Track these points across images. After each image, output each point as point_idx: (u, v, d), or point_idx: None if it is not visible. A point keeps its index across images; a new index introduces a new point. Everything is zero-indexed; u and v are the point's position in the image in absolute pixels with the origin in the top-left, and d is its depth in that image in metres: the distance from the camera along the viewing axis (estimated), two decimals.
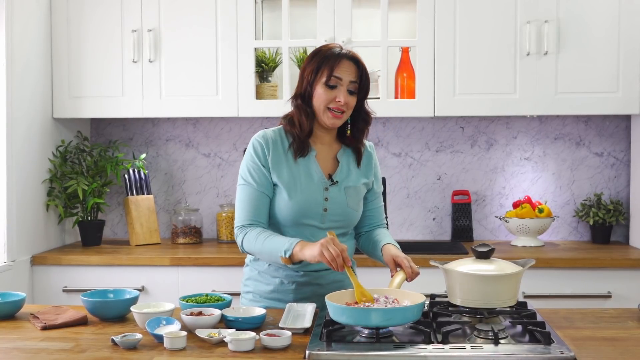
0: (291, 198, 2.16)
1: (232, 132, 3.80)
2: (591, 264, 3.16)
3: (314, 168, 2.21)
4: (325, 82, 2.15)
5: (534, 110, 3.33)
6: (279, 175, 2.18)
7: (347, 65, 2.17)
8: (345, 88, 2.16)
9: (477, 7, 3.33)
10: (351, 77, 2.17)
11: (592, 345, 1.84)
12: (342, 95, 2.15)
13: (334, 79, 2.15)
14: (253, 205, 2.18)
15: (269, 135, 2.23)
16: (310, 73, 2.18)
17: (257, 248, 2.12)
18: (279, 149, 2.21)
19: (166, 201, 3.85)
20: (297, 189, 2.17)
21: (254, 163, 2.20)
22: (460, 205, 3.65)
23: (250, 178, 2.19)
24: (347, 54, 2.18)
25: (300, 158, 2.21)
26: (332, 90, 2.15)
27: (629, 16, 3.28)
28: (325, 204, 2.20)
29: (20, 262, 3.20)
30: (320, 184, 2.20)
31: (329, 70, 2.15)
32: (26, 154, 3.28)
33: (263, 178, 2.18)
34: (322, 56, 2.18)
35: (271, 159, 2.19)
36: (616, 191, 3.67)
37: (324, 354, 1.72)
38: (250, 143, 2.23)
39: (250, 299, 2.29)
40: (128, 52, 3.45)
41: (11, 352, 1.80)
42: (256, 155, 2.20)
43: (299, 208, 2.16)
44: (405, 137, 3.73)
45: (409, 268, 2.09)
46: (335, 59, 2.16)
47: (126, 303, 2.09)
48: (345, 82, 2.16)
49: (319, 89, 2.16)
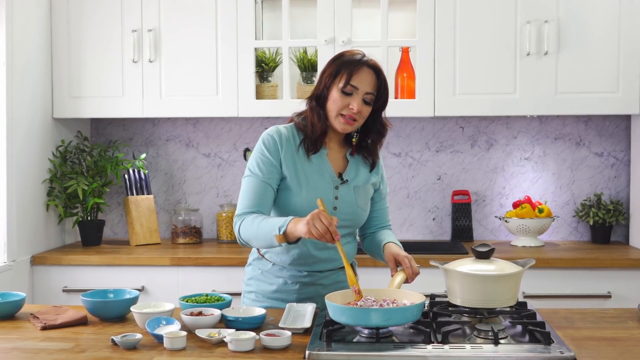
0: (302, 196, 2.15)
1: (232, 132, 3.80)
2: (591, 264, 3.15)
3: (325, 166, 2.20)
4: (341, 88, 2.12)
5: (534, 110, 3.33)
6: (290, 172, 2.16)
7: (367, 74, 2.13)
8: (360, 97, 2.13)
9: (477, 7, 3.33)
10: (368, 88, 2.14)
11: (592, 345, 1.84)
12: (356, 103, 2.12)
13: (350, 87, 2.12)
14: (256, 195, 2.14)
15: (282, 131, 2.20)
16: (328, 76, 2.15)
17: (253, 232, 2.07)
18: (292, 146, 2.19)
19: (166, 201, 3.85)
20: (309, 186, 2.16)
21: (264, 156, 2.17)
22: (460, 205, 3.65)
23: (258, 170, 2.16)
24: (367, 62, 2.15)
25: (312, 156, 2.19)
26: (347, 96, 2.13)
27: (629, 16, 3.28)
28: (336, 203, 2.19)
29: (20, 262, 3.20)
30: (331, 183, 2.20)
31: (347, 77, 2.12)
32: (26, 154, 3.28)
33: (271, 171, 2.15)
34: (342, 61, 2.15)
35: (284, 155, 2.17)
36: (616, 191, 3.67)
37: (324, 354, 1.72)
38: (262, 137, 2.20)
39: (253, 299, 2.29)
40: (128, 52, 3.45)
41: (11, 352, 1.80)
42: (268, 149, 2.17)
43: (309, 206, 2.14)
44: (405, 137, 3.73)
45: (409, 268, 2.09)
46: (355, 66, 2.12)
47: (126, 303, 2.09)
48: (361, 92, 2.13)
49: (334, 93, 2.14)
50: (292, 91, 3.52)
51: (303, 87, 3.50)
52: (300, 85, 3.52)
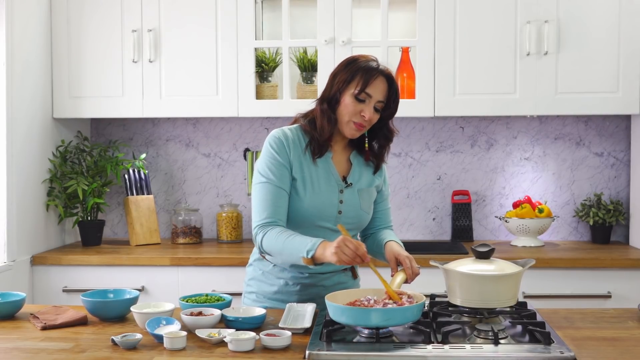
0: (308, 199, 2.14)
1: (232, 132, 3.80)
2: (591, 264, 3.15)
3: (331, 170, 2.20)
4: (355, 94, 2.12)
5: (534, 110, 3.33)
6: (298, 175, 2.15)
7: (381, 82, 2.13)
8: (372, 105, 2.13)
9: (477, 7, 3.33)
10: (381, 96, 2.14)
11: (592, 345, 1.84)
12: (367, 111, 2.12)
13: (364, 95, 2.12)
14: (273, 202, 2.12)
15: (288, 134, 2.19)
16: (341, 81, 2.14)
17: (278, 248, 2.07)
18: (298, 148, 2.18)
19: (166, 201, 3.85)
20: (314, 190, 2.16)
21: (274, 159, 2.15)
22: (460, 205, 3.65)
23: (271, 174, 2.14)
24: (383, 71, 2.15)
25: (318, 159, 2.19)
26: (359, 103, 2.12)
27: (629, 16, 3.28)
28: (340, 207, 2.19)
29: (20, 262, 3.20)
30: (336, 186, 2.19)
31: (363, 84, 2.11)
32: (26, 154, 3.28)
33: (283, 173, 2.14)
34: (358, 67, 2.14)
35: (292, 156, 2.16)
36: (616, 191, 3.67)
37: (324, 354, 1.72)
38: (268, 140, 2.18)
39: (254, 299, 2.29)
40: (128, 52, 3.45)
41: (11, 352, 1.80)
42: (276, 152, 2.15)
43: (315, 210, 2.14)
44: (405, 137, 3.73)
45: (410, 268, 2.09)
46: (371, 75, 2.12)
47: (126, 303, 2.09)
48: (374, 99, 2.13)
49: (347, 98, 2.13)
50: (292, 91, 3.52)
51: (303, 87, 3.50)
52: (300, 85, 3.52)
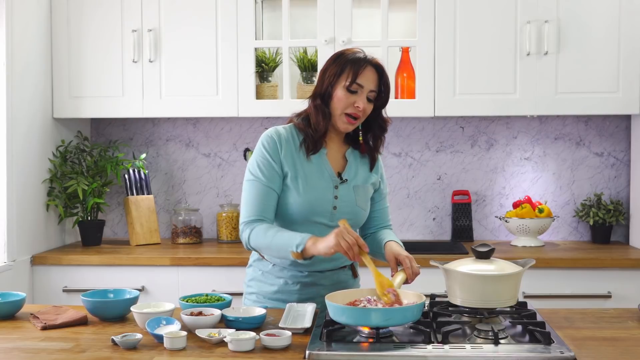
0: (302, 195, 2.16)
1: (232, 132, 3.80)
2: (591, 264, 3.15)
3: (325, 166, 2.21)
4: (346, 86, 2.14)
5: (534, 110, 3.33)
6: (291, 172, 2.17)
7: (371, 72, 2.16)
8: (364, 95, 2.16)
9: (477, 7, 3.33)
10: (372, 86, 2.16)
11: (592, 345, 1.84)
12: (361, 102, 2.15)
13: (356, 86, 2.14)
14: (260, 200, 2.16)
15: (281, 132, 2.21)
16: (332, 75, 2.17)
17: (266, 243, 2.10)
18: (291, 147, 2.20)
19: (166, 201, 3.85)
20: (308, 186, 2.17)
21: (264, 158, 2.18)
22: (461, 205, 3.65)
23: (260, 173, 2.17)
24: (371, 61, 2.18)
25: (312, 155, 2.21)
26: (352, 95, 2.15)
27: (629, 16, 3.28)
28: (335, 202, 2.20)
29: (20, 262, 3.20)
30: (331, 182, 2.20)
31: (353, 75, 2.14)
32: (26, 154, 3.28)
33: (273, 174, 2.17)
34: (346, 59, 2.17)
35: (283, 155, 2.18)
36: (616, 191, 3.67)
37: (324, 354, 1.72)
38: (261, 139, 2.22)
39: (254, 300, 2.29)
40: (128, 52, 3.45)
41: (11, 352, 1.80)
42: (267, 151, 2.18)
43: (309, 205, 2.16)
44: (406, 137, 3.73)
45: (410, 268, 2.09)
46: (360, 65, 2.15)
47: (126, 303, 2.09)
48: (366, 89, 2.15)
49: (339, 91, 2.15)
50: (292, 91, 3.52)
51: (303, 87, 3.50)
52: (300, 85, 3.52)
